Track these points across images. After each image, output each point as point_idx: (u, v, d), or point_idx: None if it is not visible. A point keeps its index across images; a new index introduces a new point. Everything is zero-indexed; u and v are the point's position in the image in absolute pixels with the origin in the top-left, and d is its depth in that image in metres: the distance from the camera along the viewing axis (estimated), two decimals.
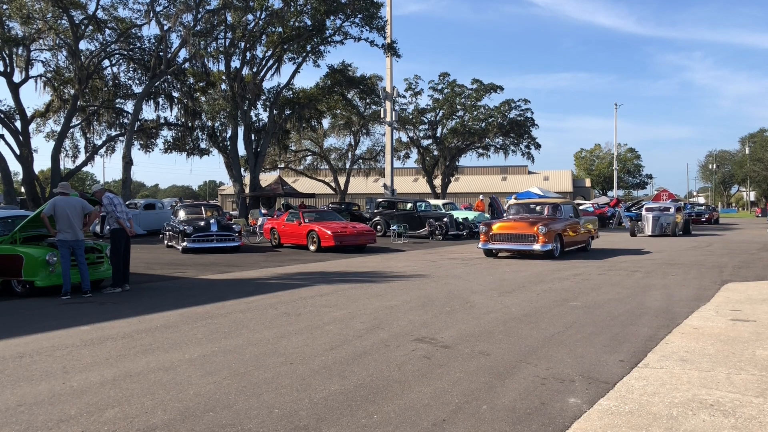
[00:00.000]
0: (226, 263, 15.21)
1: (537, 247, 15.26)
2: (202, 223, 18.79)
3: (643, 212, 26.94)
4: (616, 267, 13.84)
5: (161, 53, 32.48)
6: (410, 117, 47.84)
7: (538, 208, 17.83)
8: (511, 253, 16.52)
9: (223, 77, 34.72)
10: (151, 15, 31.34)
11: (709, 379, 5.03)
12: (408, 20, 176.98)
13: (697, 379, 5.01)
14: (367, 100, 43.23)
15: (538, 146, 48.73)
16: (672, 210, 26.61)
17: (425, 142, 49.85)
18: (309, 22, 33.29)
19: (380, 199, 29.82)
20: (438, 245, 21.59)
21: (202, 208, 22.05)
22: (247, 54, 34.17)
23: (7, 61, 30.92)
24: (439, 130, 49.05)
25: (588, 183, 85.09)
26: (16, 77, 31.31)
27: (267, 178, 50.08)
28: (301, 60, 35.09)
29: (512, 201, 18.40)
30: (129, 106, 36.34)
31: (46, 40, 31.42)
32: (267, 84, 42.90)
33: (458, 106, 47.96)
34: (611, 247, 20.02)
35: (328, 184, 52.90)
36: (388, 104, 34.44)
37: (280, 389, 4.80)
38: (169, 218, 22.38)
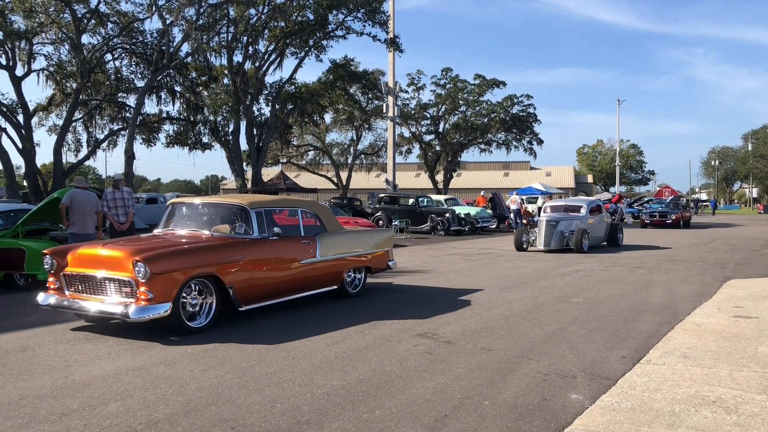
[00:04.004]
0: None
1: (129, 310, 6.13)
2: None
3: (540, 214, 18.31)
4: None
5: (163, 47, 32.44)
6: (412, 112, 47.74)
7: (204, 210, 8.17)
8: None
9: (226, 72, 34.66)
10: (154, 9, 31.26)
11: (711, 375, 5.02)
12: (410, 15, 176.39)
13: (700, 376, 5.00)
14: (370, 95, 43.12)
15: (540, 142, 48.54)
16: (583, 211, 17.50)
17: (427, 138, 49.76)
18: (311, 17, 33.24)
19: (382, 195, 29.76)
20: (440, 241, 21.56)
21: None
22: (250, 48, 34.10)
23: (10, 54, 30.88)
24: (441, 126, 48.94)
25: (590, 179, 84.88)
26: (19, 71, 31.27)
27: (269, 173, 50.03)
28: (304, 54, 35.04)
29: (174, 199, 8.86)
30: (131, 101, 36.33)
31: (49, 33, 31.39)
32: (269, 78, 42.61)
33: (460, 102, 47.81)
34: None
35: (330, 179, 52.89)
36: (390, 99, 34.38)
37: (282, 384, 4.80)
38: None
